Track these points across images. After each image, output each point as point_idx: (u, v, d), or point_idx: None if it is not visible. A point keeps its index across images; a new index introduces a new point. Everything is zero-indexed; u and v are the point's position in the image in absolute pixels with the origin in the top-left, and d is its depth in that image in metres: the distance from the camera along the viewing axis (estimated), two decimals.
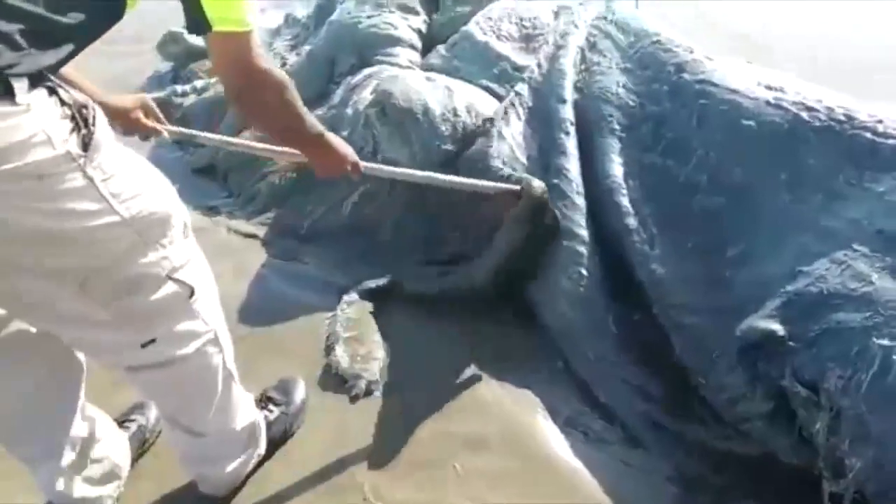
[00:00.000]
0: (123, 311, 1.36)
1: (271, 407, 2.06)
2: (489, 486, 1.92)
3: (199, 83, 3.89)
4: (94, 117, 1.23)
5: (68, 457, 1.67)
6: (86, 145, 1.20)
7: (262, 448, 1.94)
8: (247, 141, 2.32)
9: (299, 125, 1.65)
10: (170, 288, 1.40)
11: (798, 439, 1.82)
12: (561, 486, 1.93)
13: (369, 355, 2.32)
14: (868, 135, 2.03)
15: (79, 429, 1.70)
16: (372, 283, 2.57)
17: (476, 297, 2.50)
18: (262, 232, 2.99)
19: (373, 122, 2.72)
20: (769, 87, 2.35)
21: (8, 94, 1.11)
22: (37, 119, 1.13)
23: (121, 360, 1.51)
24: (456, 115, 2.65)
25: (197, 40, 4.31)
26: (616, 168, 2.49)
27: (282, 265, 2.79)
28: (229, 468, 1.84)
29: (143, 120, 1.96)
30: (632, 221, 2.37)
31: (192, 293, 1.45)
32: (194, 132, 2.32)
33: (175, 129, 2.08)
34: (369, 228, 2.80)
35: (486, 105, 2.76)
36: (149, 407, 2.06)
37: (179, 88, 3.92)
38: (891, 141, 1.99)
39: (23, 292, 1.28)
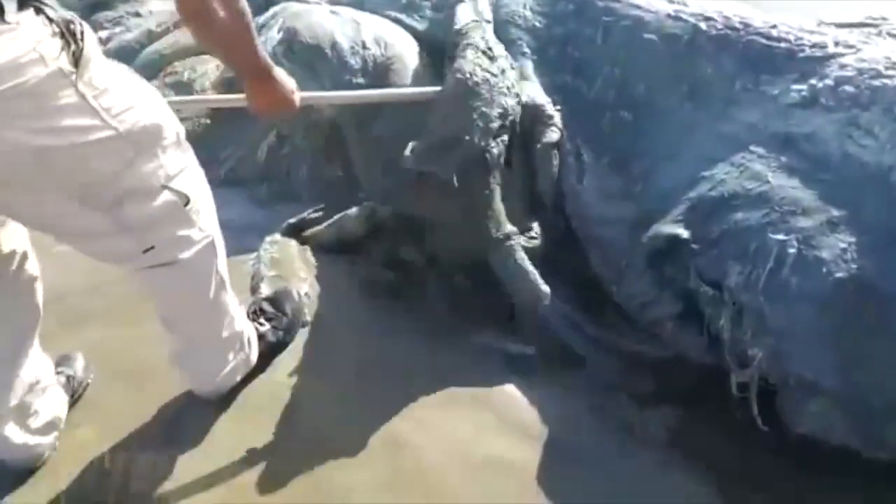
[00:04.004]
0: (123, 220, 1.42)
1: (262, 320, 2.11)
2: (418, 404, 1.99)
3: (102, 34, 3.73)
4: (81, 32, 1.25)
5: (12, 400, 1.69)
6: (76, 61, 1.23)
7: (253, 358, 1.99)
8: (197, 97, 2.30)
9: (252, 50, 1.60)
10: (166, 196, 1.46)
11: (707, 338, 1.91)
12: (485, 407, 1.99)
13: None
14: (762, 40, 2.08)
15: (28, 375, 1.72)
16: (293, 220, 2.58)
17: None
18: None
19: (281, 61, 2.67)
20: (671, 1, 2.38)
21: None
22: (27, 38, 1.16)
23: (125, 264, 1.58)
24: (365, 47, 2.62)
25: None
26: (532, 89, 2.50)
27: None
28: (219, 376, 1.90)
29: None
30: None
31: (187, 201, 1.50)
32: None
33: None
34: (287, 170, 2.79)
35: (395, 36, 2.73)
36: (75, 359, 2.06)
37: None
38: (783, 45, 2.04)
39: (25, 205, 1.35)
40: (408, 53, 2.71)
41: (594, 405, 1.97)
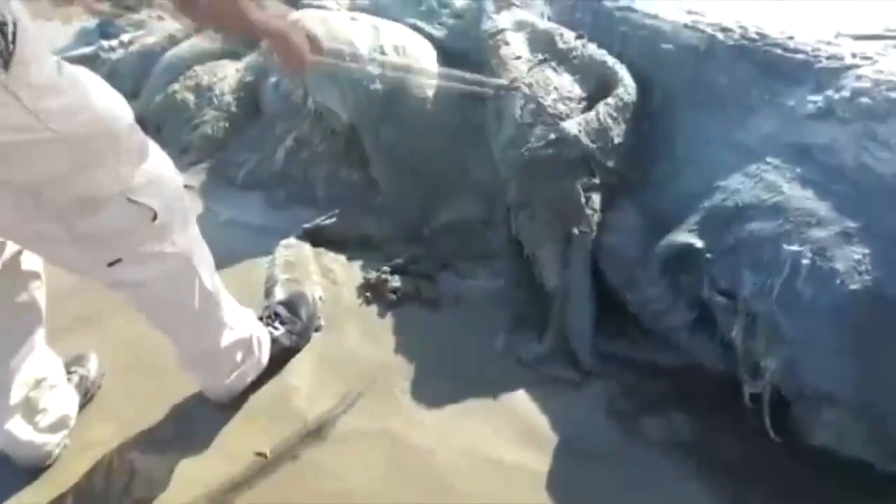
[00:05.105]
0: (82, 229, 1.39)
1: (277, 324, 2.12)
2: (430, 406, 2.00)
3: (125, 37, 3.81)
4: (13, 33, 1.20)
5: (17, 395, 1.70)
6: (6, 62, 1.19)
7: (264, 361, 2.01)
8: None
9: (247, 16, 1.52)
10: (128, 208, 1.43)
11: (720, 347, 1.91)
12: (497, 411, 1.99)
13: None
14: (779, 51, 2.07)
15: (32, 371, 1.73)
16: (308, 226, 2.59)
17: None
18: (197, 183, 2.97)
19: None
20: (689, 11, 2.37)
21: None
22: None
23: (94, 277, 1.54)
24: (383, 54, 2.64)
25: None
26: None
27: (218, 214, 2.80)
28: (228, 379, 1.92)
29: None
30: None
31: (154, 215, 1.47)
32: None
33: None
34: (304, 174, 2.81)
35: (414, 43, 2.76)
36: (88, 359, 2.08)
37: (106, 44, 3.83)
38: (800, 56, 2.03)
39: None
40: (426, 60, 2.73)
41: (607, 412, 1.96)
